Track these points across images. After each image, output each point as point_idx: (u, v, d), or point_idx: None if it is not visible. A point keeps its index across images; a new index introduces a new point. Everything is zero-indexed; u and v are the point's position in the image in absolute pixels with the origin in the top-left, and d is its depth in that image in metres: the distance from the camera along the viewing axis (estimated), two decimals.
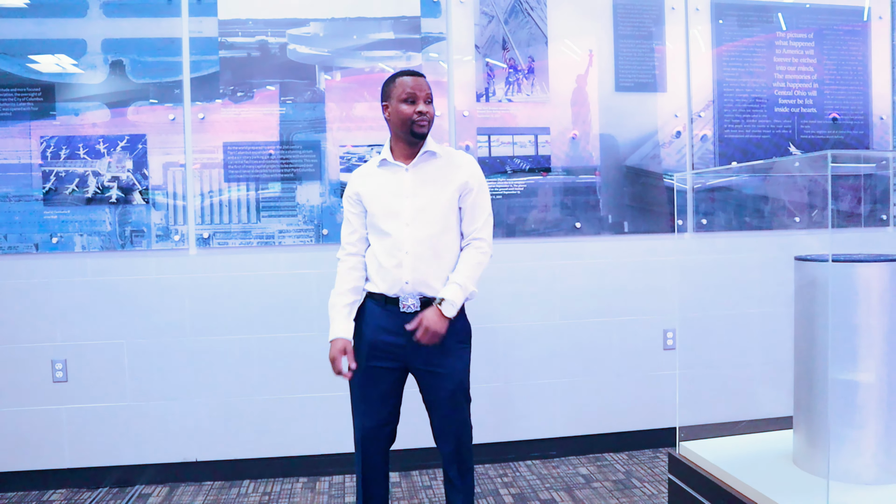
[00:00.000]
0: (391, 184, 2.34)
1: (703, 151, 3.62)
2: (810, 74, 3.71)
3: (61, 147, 3.19)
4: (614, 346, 3.56)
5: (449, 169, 2.34)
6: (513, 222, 3.46)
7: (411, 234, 2.27)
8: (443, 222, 2.30)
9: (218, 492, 3.20)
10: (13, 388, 3.20)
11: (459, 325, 2.32)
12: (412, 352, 2.28)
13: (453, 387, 2.30)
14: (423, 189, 2.31)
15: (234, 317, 3.30)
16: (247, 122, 3.29)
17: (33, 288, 3.20)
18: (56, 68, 3.18)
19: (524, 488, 3.16)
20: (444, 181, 2.32)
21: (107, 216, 3.22)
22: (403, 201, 2.30)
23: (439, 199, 2.30)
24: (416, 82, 2.29)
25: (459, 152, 2.46)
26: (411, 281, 2.26)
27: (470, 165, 2.39)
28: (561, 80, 3.49)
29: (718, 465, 2.21)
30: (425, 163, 2.34)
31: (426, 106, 2.29)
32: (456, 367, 2.31)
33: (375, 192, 2.35)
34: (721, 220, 3.62)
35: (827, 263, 1.95)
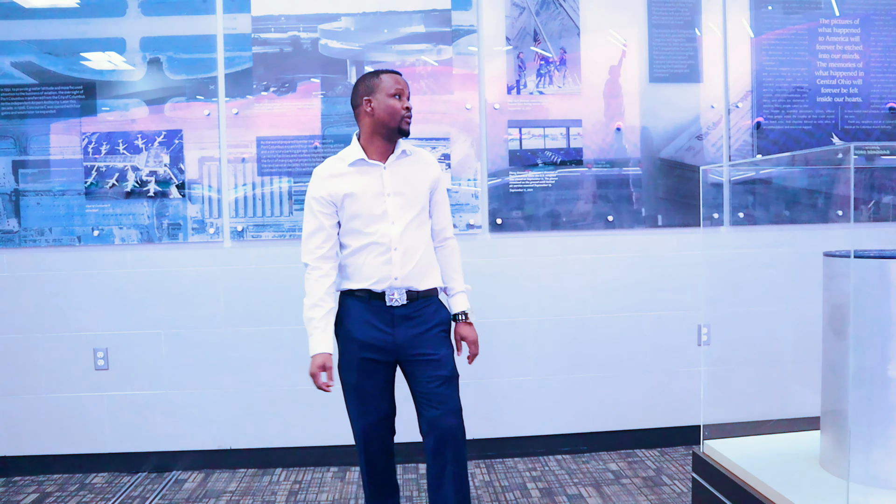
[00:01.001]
0: (371, 184, 2.30)
1: (740, 143, 3.53)
2: (856, 62, 3.58)
3: (102, 143, 3.29)
4: (647, 341, 3.51)
5: (420, 166, 2.39)
6: (544, 215, 3.43)
7: (399, 232, 2.29)
8: (422, 218, 2.37)
9: (251, 479, 3.28)
10: (58, 375, 3.33)
11: (442, 314, 2.41)
12: (402, 343, 2.30)
13: (448, 373, 2.31)
14: (403, 187, 2.33)
15: (267, 308, 3.36)
16: (279, 117, 3.34)
17: (76, 279, 3.32)
18: (97, 66, 3.28)
19: (552, 483, 3.15)
20: (418, 179, 2.37)
21: (145, 209, 3.32)
22: (386, 199, 2.30)
23: (417, 198, 2.36)
24: (402, 80, 2.33)
25: (421, 149, 2.49)
26: (401, 276, 2.29)
27: (435, 163, 2.48)
28: (593, 72, 3.45)
29: (742, 466, 2.17)
30: (400, 161, 2.36)
31: (410, 102, 2.34)
32: (446, 352, 2.35)
33: (355, 193, 2.28)
34: (759, 214, 3.54)
35: (850, 259, 1.89)
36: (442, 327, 2.38)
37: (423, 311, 2.34)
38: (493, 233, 3.42)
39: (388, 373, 2.36)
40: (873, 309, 1.93)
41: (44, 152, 3.28)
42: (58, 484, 3.26)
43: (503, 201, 3.42)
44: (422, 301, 2.34)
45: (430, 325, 2.34)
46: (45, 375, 3.32)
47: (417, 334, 2.31)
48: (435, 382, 2.29)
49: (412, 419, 2.38)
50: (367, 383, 2.33)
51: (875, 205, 3.59)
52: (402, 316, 2.30)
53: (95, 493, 3.14)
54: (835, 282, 2.04)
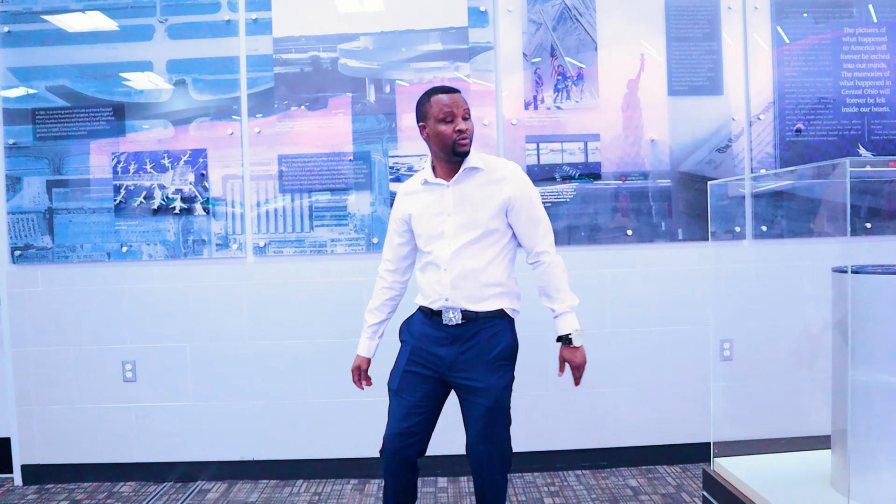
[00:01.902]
0: (434, 203, 2.32)
1: (763, 155, 3.49)
2: (883, 71, 3.51)
3: (130, 162, 3.41)
4: (668, 356, 3.47)
5: (491, 184, 2.28)
6: (562, 230, 3.43)
7: (451, 252, 2.26)
8: (482, 240, 2.27)
9: (272, 490, 3.34)
10: (88, 386, 3.44)
11: (503, 343, 2.29)
12: (451, 364, 2.28)
13: (490, 403, 2.24)
14: (463, 206, 2.28)
15: (288, 322, 3.43)
16: (300, 135, 3.41)
17: (106, 294, 3.43)
18: (127, 88, 3.40)
19: (569, 498, 3.13)
20: (485, 197, 2.27)
21: (171, 226, 3.42)
22: (445, 220, 2.29)
23: (478, 218, 2.27)
24: (453, 99, 2.25)
25: (504, 163, 2.35)
26: (451, 298, 2.26)
27: (512, 178, 2.30)
28: (611, 86, 3.45)
29: (750, 485, 2.14)
30: (467, 179, 2.29)
31: (465, 123, 2.24)
32: (493, 383, 2.25)
33: (420, 213, 2.35)
34: (780, 227, 3.48)
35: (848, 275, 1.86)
36: (499, 356, 2.28)
37: (479, 333, 2.27)
38: None
39: (431, 389, 2.32)
40: (878, 325, 1.90)
41: (76, 172, 3.41)
42: (87, 492, 3.36)
43: None
44: (480, 323, 2.27)
45: (484, 349, 2.27)
46: (76, 387, 3.44)
47: (468, 357, 2.27)
48: (475, 410, 2.27)
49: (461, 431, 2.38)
50: (406, 394, 2.33)
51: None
52: (456, 335, 2.27)
53: (123, 502, 3.23)
54: (841, 297, 2.01)
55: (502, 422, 2.30)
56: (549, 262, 2.34)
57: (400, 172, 3.41)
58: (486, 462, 2.29)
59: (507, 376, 2.31)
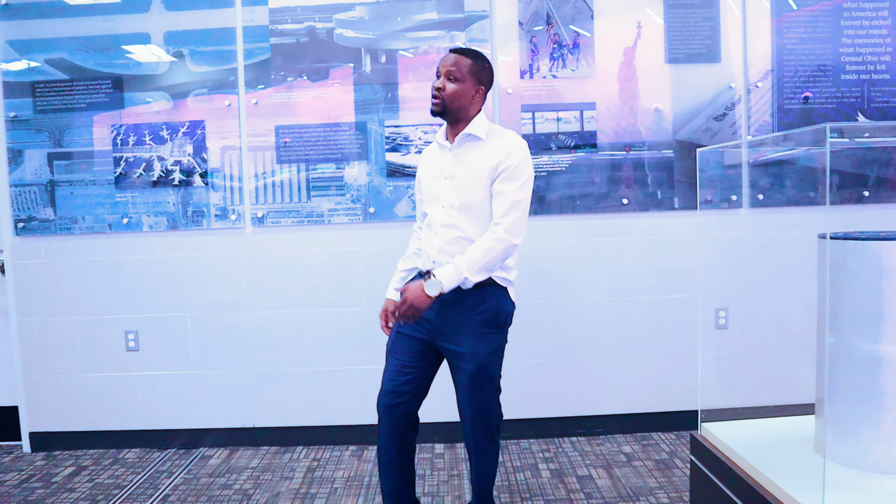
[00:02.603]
0: (437, 165, 2.37)
1: (761, 122, 3.47)
2: (883, 38, 3.47)
3: (130, 134, 3.44)
4: (664, 324, 3.49)
5: (488, 153, 2.26)
6: (558, 199, 3.45)
7: (443, 216, 2.29)
8: (472, 207, 2.26)
9: (273, 456, 3.40)
10: (92, 356, 3.51)
11: (490, 310, 2.27)
12: (438, 326, 2.30)
13: (473, 369, 2.25)
14: (460, 171, 2.28)
15: (287, 291, 3.47)
16: (296, 106, 3.43)
17: (108, 265, 3.49)
18: (125, 61, 3.42)
19: (563, 464, 3.18)
20: (480, 164, 2.25)
21: (171, 198, 3.46)
22: (442, 182, 2.32)
23: (471, 184, 2.26)
24: (448, 58, 2.27)
25: (507, 136, 2.31)
26: (438, 261, 2.28)
27: (506, 149, 2.24)
28: (607, 54, 3.43)
29: (735, 448, 2.16)
30: (467, 144, 2.30)
31: (445, 81, 2.24)
32: (478, 349, 2.26)
33: (426, 172, 2.43)
34: (777, 196, 3.47)
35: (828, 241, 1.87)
36: (483, 322, 2.27)
37: (464, 299, 2.25)
38: None
39: (419, 351, 2.34)
40: (857, 291, 1.91)
41: (76, 144, 3.45)
42: (93, 458, 3.44)
43: None
44: (467, 290, 2.24)
45: (469, 316, 2.26)
46: (80, 356, 3.51)
47: (453, 322, 2.27)
48: (460, 375, 2.31)
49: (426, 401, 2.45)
50: (397, 352, 2.38)
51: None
52: (442, 300, 2.22)
53: (127, 468, 3.31)
54: (824, 264, 2.01)
55: (488, 387, 2.31)
56: (494, 232, 2.21)
57: (396, 142, 3.42)
58: (472, 426, 2.33)
59: (493, 343, 2.30)
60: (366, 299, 3.43)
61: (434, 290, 2.15)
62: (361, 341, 3.43)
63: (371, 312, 3.34)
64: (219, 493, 3.01)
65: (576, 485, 2.96)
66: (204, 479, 3.15)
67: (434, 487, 3.00)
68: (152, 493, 3.02)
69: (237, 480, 3.14)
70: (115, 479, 3.18)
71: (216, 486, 3.07)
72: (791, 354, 3.30)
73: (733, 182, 3.48)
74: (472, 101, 2.31)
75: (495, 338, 2.31)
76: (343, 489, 3.01)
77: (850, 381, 1.98)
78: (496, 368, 2.34)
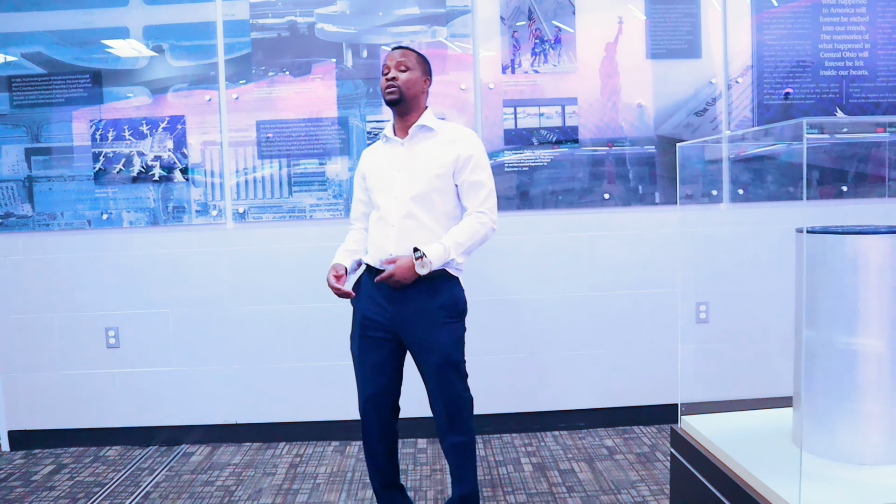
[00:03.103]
0: (388, 159, 2.38)
1: (741, 118, 3.50)
2: (861, 34, 3.50)
3: (109, 129, 3.41)
4: (645, 319, 3.52)
5: (442, 145, 2.33)
6: (540, 194, 3.45)
7: (398, 208, 2.30)
8: (430, 197, 2.29)
9: (255, 452, 3.39)
10: (72, 353, 3.48)
11: (448, 300, 2.30)
12: (399, 324, 2.31)
13: (439, 360, 2.28)
14: (415, 163, 2.32)
15: (269, 287, 3.46)
16: (278, 101, 3.41)
17: (87, 261, 3.46)
18: (103, 55, 3.39)
19: (546, 458, 3.19)
20: (434, 156, 2.31)
21: (151, 193, 3.43)
22: (395, 175, 2.33)
23: (427, 175, 2.29)
24: (393, 53, 2.35)
25: (461, 128, 2.41)
26: (395, 254, 2.27)
27: (466, 141, 2.34)
28: (589, 50, 3.44)
29: (714, 441, 2.18)
30: (420, 137, 2.35)
31: (397, 72, 2.30)
32: (441, 340, 2.28)
33: (374, 168, 2.42)
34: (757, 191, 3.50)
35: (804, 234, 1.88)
36: (443, 311, 2.29)
37: (422, 293, 2.27)
38: None
39: (390, 349, 2.37)
40: (834, 286, 1.93)
41: (54, 139, 3.41)
42: (74, 456, 3.42)
43: (499, 181, 3.44)
44: (425, 283, 2.25)
45: (429, 307, 2.28)
46: (60, 353, 3.48)
47: (413, 314, 2.28)
48: (426, 367, 2.32)
49: (407, 394, 2.44)
50: (367, 357, 2.38)
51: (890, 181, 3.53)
52: (402, 295, 2.27)
53: (108, 465, 3.29)
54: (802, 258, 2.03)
55: (454, 374, 2.33)
56: (479, 217, 2.30)
57: (378, 138, 3.41)
58: (447, 418, 2.33)
59: (457, 332, 2.35)
60: None
61: (425, 269, 2.18)
62: (344, 337, 3.38)
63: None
64: (201, 489, 2.99)
65: (558, 478, 2.97)
66: (186, 476, 3.14)
67: (417, 482, 3.00)
68: (133, 490, 3.01)
69: (219, 477, 3.12)
70: (96, 477, 3.15)
71: (198, 483, 3.06)
72: (770, 348, 3.34)
73: (714, 177, 3.51)
74: (423, 92, 2.40)
75: (457, 326, 2.36)
76: (326, 485, 3.01)
77: (826, 374, 2.00)
78: (460, 356, 2.37)
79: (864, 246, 1.93)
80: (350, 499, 2.86)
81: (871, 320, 1.94)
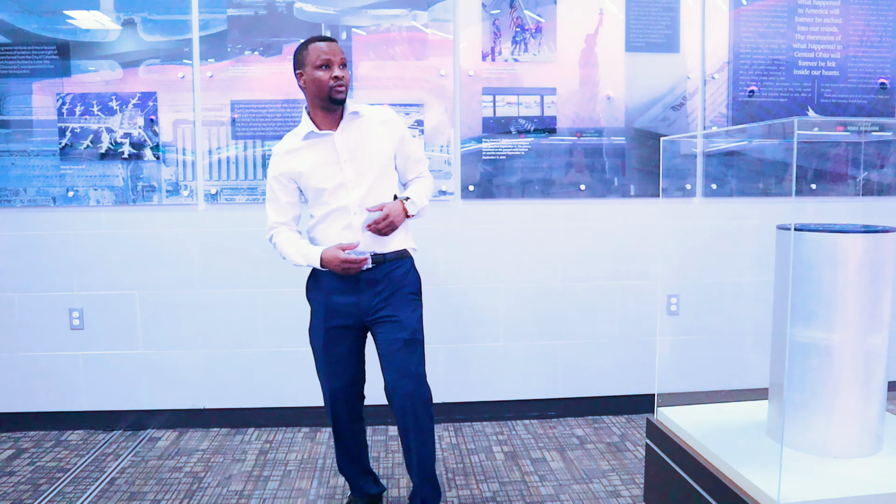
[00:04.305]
0: (324, 154, 2.30)
1: (716, 114, 3.54)
2: (834, 35, 3.57)
3: (76, 104, 3.30)
4: (617, 310, 3.55)
5: (376, 126, 2.35)
6: (516, 183, 3.45)
7: (357, 198, 2.28)
8: (383, 180, 2.34)
9: (223, 438, 3.34)
10: (34, 333, 3.38)
11: (411, 278, 2.39)
12: (366, 306, 2.32)
13: (408, 336, 2.30)
14: (358, 152, 2.31)
15: (240, 271, 3.40)
16: (254, 81, 3.34)
17: (51, 240, 3.35)
18: (71, 26, 3.27)
19: (517, 447, 3.21)
20: (375, 139, 2.33)
21: (120, 171, 3.33)
22: (342, 167, 2.29)
23: (377, 159, 2.32)
24: (331, 47, 2.26)
25: (377, 107, 2.43)
26: (363, 241, 2.28)
27: (396, 118, 2.42)
28: (569, 40, 3.44)
29: (690, 432, 2.22)
30: (352, 125, 2.32)
31: (342, 70, 2.25)
32: (410, 316, 2.33)
33: (310, 168, 2.31)
34: (730, 186, 3.55)
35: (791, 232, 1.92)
36: (409, 290, 2.37)
37: (390, 274, 2.33)
38: (465, 199, 3.44)
39: (356, 339, 2.40)
40: (818, 281, 1.97)
41: (18, 112, 3.28)
42: (34, 440, 3.32)
43: (476, 168, 3.44)
44: (389, 265, 2.33)
45: (397, 287, 2.33)
46: (21, 334, 3.37)
47: (384, 296, 2.32)
48: (394, 345, 2.30)
49: (379, 382, 2.40)
50: (334, 349, 2.38)
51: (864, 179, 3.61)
52: (368, 280, 2.30)
53: (70, 450, 3.20)
54: (784, 254, 2.07)
55: (418, 353, 2.34)
56: (426, 177, 2.49)
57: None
58: (411, 401, 2.29)
59: (419, 310, 2.40)
60: None
61: (415, 209, 2.34)
62: None
63: None
64: (168, 475, 2.94)
65: (530, 467, 2.99)
66: (152, 462, 3.07)
67: (389, 469, 2.99)
68: (98, 475, 2.93)
69: (187, 463, 3.07)
70: (58, 462, 3.07)
71: (165, 469, 3.00)
72: (741, 341, 3.41)
73: (689, 172, 3.55)
74: None
75: (419, 304, 2.42)
76: (297, 471, 2.98)
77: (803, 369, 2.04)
78: (423, 334, 2.40)
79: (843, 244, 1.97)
80: (322, 486, 2.84)
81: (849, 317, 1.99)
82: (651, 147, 3.49)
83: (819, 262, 2.00)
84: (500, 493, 2.76)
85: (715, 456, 2.05)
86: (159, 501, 2.70)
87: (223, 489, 2.81)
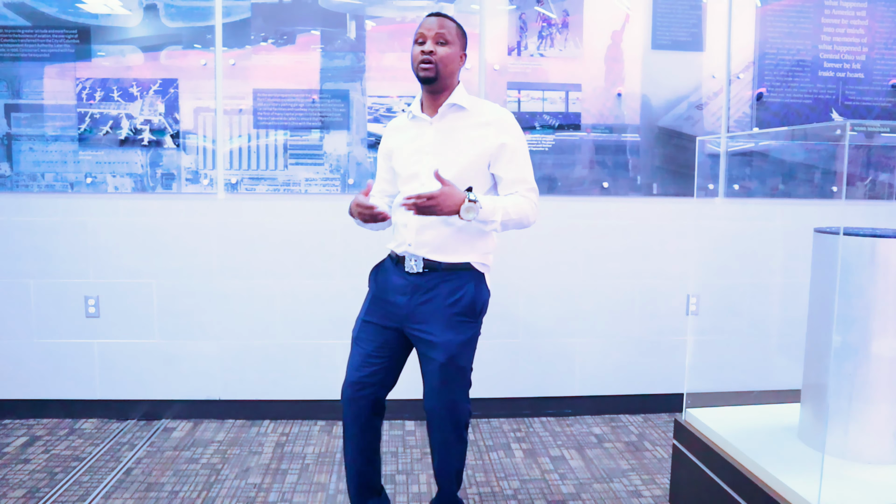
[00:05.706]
0: (416, 139, 2.18)
1: (740, 114, 3.52)
2: (860, 37, 3.55)
3: (96, 89, 3.25)
4: (637, 309, 3.53)
5: (476, 128, 2.13)
6: (539, 179, 3.39)
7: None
8: (463, 184, 2.05)
9: (239, 429, 3.32)
10: (49, 320, 3.34)
11: (465, 298, 2.13)
12: (409, 314, 2.15)
13: (444, 359, 2.10)
14: (443, 147, 2.13)
15: (259, 261, 3.36)
16: (277, 70, 3.30)
17: (68, 226, 3.31)
18: (92, 10, 3.22)
19: (536, 444, 3.19)
20: (469, 141, 2.12)
21: (139, 158, 3.30)
22: (423, 158, 2.13)
23: (459, 161, 2.10)
24: (430, 21, 2.09)
25: (493, 107, 2.19)
26: (414, 243, 2.13)
27: (502, 123, 2.14)
28: (595, 36, 3.41)
29: (721, 434, 2.20)
30: (451, 116, 2.15)
31: (435, 46, 2.06)
32: (450, 338, 2.11)
33: (400, 148, 2.22)
34: (754, 187, 3.53)
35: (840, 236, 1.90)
36: (457, 310, 2.12)
37: (440, 285, 2.12)
38: None
39: (386, 341, 2.21)
40: (859, 286, 1.95)
41: (37, 96, 3.24)
42: (48, 428, 3.29)
43: None
44: (441, 274, 2.13)
45: (444, 303, 2.12)
46: (36, 320, 3.33)
47: (426, 309, 2.13)
48: (429, 365, 2.15)
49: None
50: (361, 342, 2.23)
51: (871, 182, 3.60)
52: (417, 285, 2.13)
53: (84, 439, 3.18)
54: (823, 258, 2.05)
55: (458, 381, 2.16)
56: (527, 196, 2.14)
57: (379, 113, 3.34)
58: (438, 420, 2.19)
59: (467, 333, 2.15)
60: (340, 273, 3.35)
61: (470, 215, 1.98)
62: (334, 315, 3.34)
63: (345, 286, 3.28)
64: (185, 466, 2.91)
65: (549, 465, 2.97)
66: (168, 453, 3.05)
67: (408, 465, 2.97)
68: (114, 465, 2.91)
69: (203, 454, 3.04)
70: (73, 451, 3.04)
71: (182, 460, 2.97)
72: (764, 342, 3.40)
73: (714, 171, 3.52)
74: (458, 68, 2.18)
75: (469, 327, 2.16)
76: (315, 465, 2.95)
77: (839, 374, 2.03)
78: (468, 360, 2.19)
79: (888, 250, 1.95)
80: (341, 480, 2.81)
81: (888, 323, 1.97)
82: (675, 146, 3.46)
83: (859, 266, 1.98)
84: (522, 490, 2.74)
85: (749, 459, 2.04)
86: (177, 493, 2.68)
87: (241, 481, 2.79)
